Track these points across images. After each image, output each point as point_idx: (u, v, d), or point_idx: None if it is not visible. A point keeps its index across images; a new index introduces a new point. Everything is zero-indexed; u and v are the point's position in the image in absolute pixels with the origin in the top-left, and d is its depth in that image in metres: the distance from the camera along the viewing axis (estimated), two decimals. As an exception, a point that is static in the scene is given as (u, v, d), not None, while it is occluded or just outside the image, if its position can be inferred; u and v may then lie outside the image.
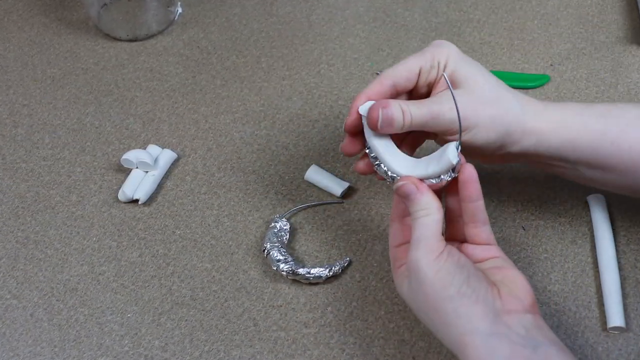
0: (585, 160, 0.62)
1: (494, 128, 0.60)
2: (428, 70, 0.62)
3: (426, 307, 0.56)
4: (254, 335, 0.67)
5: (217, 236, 0.74)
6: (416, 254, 0.56)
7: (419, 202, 0.58)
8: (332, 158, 0.79)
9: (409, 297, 0.58)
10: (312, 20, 0.93)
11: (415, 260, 0.56)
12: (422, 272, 0.56)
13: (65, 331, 0.68)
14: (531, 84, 0.83)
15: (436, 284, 0.55)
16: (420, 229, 0.57)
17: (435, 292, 0.55)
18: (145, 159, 0.76)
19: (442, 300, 0.55)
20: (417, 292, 0.56)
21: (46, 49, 0.93)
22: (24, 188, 0.79)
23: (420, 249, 0.56)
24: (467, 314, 0.54)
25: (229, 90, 0.86)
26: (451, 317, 0.54)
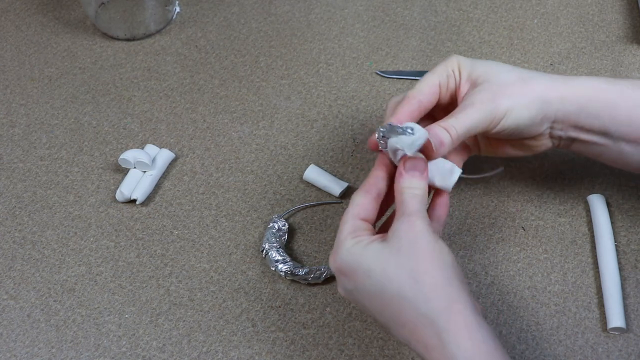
0: (625, 133, 0.62)
1: (529, 103, 0.61)
2: (446, 81, 0.63)
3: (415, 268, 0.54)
4: (252, 336, 0.67)
5: (215, 236, 0.73)
6: (417, 222, 0.56)
7: (421, 180, 0.59)
8: (330, 158, 0.79)
9: (381, 260, 0.55)
10: (311, 19, 0.93)
11: (417, 228, 0.56)
12: (423, 237, 0.55)
13: (63, 332, 0.68)
14: (531, 83, 0.82)
15: (436, 251, 0.55)
16: (415, 203, 0.57)
17: (434, 257, 0.55)
18: (143, 159, 0.76)
19: (440, 267, 0.54)
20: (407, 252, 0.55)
21: (43, 48, 0.93)
22: (21, 188, 0.79)
23: (421, 219, 0.56)
24: (459, 287, 0.54)
25: (227, 89, 0.86)
26: (445, 283, 0.54)
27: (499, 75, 0.62)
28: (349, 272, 0.57)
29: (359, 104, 0.83)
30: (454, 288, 0.54)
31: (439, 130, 0.60)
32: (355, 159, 0.78)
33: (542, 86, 0.62)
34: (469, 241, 0.71)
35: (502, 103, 0.61)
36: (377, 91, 0.84)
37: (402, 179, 0.59)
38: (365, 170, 0.77)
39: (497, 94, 0.61)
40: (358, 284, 0.56)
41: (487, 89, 0.61)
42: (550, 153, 0.76)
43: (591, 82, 0.63)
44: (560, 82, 0.63)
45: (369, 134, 0.80)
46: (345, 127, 0.81)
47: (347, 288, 0.58)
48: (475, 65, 0.63)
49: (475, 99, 0.61)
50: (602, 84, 0.63)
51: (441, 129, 0.60)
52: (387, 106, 0.65)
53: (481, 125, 0.61)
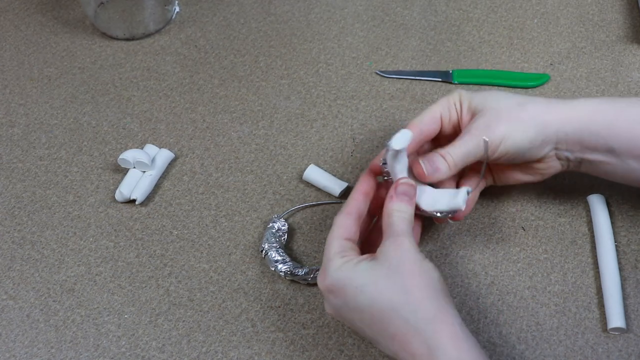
0: (628, 149, 0.63)
1: (526, 127, 0.63)
2: (448, 112, 0.66)
3: (404, 283, 0.56)
4: (252, 336, 0.66)
5: (214, 236, 0.73)
6: (405, 242, 0.58)
7: (409, 205, 0.62)
8: (330, 158, 0.78)
9: (370, 276, 0.57)
10: (311, 19, 0.93)
11: (404, 248, 0.58)
12: (411, 258, 0.57)
13: (62, 332, 0.68)
14: (531, 83, 0.82)
15: (422, 267, 0.57)
16: (403, 225, 0.60)
17: (421, 273, 0.57)
18: (143, 159, 0.76)
19: (428, 281, 0.57)
20: (396, 269, 0.57)
21: (43, 48, 0.92)
22: (21, 188, 0.79)
23: (408, 239, 0.59)
24: (446, 300, 0.57)
25: (227, 89, 0.86)
26: (433, 296, 0.56)
27: (497, 102, 0.64)
28: (338, 289, 0.59)
29: (359, 103, 0.83)
30: (440, 301, 0.56)
31: (435, 156, 0.63)
32: (355, 158, 0.78)
33: (540, 109, 0.64)
34: (469, 241, 0.71)
35: (498, 129, 0.63)
36: (377, 91, 0.84)
37: (392, 202, 0.61)
38: (364, 170, 0.77)
39: (492, 120, 0.63)
40: (348, 300, 0.58)
41: (483, 117, 0.64)
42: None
43: (590, 102, 0.64)
44: (558, 105, 0.64)
45: (368, 134, 0.80)
46: (345, 127, 0.81)
47: (336, 305, 0.59)
48: (475, 96, 0.66)
49: (472, 127, 0.64)
50: (602, 104, 0.64)
51: (437, 155, 0.63)
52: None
53: (478, 151, 0.63)
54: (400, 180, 0.63)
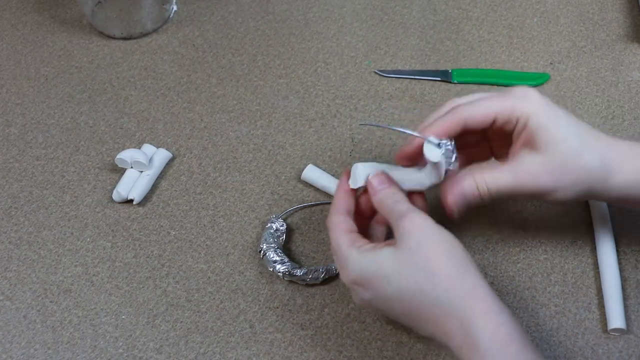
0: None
1: (574, 190, 0.60)
2: (505, 120, 0.60)
3: (428, 263, 0.55)
4: (250, 337, 0.66)
5: (212, 237, 0.73)
6: (415, 218, 0.57)
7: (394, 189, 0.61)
8: (329, 158, 0.78)
9: (394, 262, 0.56)
10: (309, 18, 0.93)
11: (419, 223, 0.56)
12: (431, 230, 0.56)
13: (59, 333, 0.68)
14: (531, 82, 0.82)
15: (446, 241, 0.56)
16: (401, 205, 0.59)
17: (446, 247, 0.56)
18: (140, 159, 0.76)
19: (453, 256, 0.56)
20: (417, 250, 0.55)
21: (39, 47, 0.92)
22: (17, 188, 0.78)
23: (417, 214, 0.57)
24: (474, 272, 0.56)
25: (225, 89, 0.86)
26: (462, 271, 0.55)
27: (560, 150, 0.59)
28: (365, 282, 0.57)
29: (358, 103, 0.83)
30: (469, 275, 0.55)
31: (468, 184, 0.60)
32: (354, 158, 0.78)
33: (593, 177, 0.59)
34: (468, 241, 0.70)
35: (546, 184, 0.59)
36: (376, 90, 0.84)
37: (377, 195, 0.61)
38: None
39: (544, 174, 0.59)
40: (377, 291, 0.57)
41: (539, 156, 0.59)
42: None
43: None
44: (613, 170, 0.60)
45: (367, 134, 0.80)
46: (344, 127, 0.81)
47: (365, 298, 0.58)
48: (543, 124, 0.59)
49: (522, 165, 0.59)
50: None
51: (472, 182, 0.60)
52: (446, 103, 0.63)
53: (517, 193, 0.60)
54: (370, 180, 0.62)
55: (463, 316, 0.53)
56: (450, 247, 0.56)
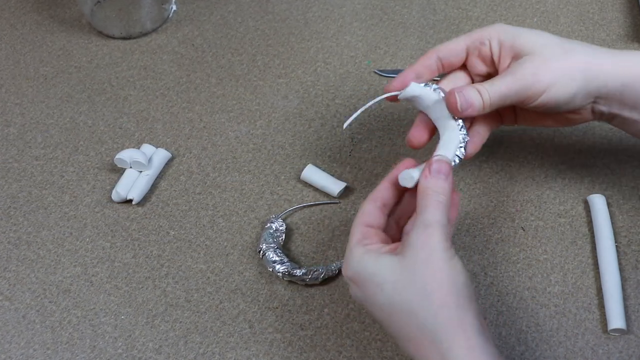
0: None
1: (571, 80, 0.61)
2: (477, 46, 0.64)
3: (426, 283, 0.54)
4: (249, 337, 0.66)
5: (211, 237, 0.73)
6: (434, 235, 0.55)
7: (445, 184, 0.58)
8: (328, 158, 0.78)
9: (395, 272, 0.55)
10: (309, 17, 0.92)
11: (434, 243, 0.55)
12: (438, 251, 0.54)
13: (58, 333, 0.68)
14: (530, 82, 0.82)
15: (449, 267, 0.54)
16: (437, 212, 0.56)
17: (446, 274, 0.54)
18: (139, 159, 0.76)
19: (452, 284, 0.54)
20: (421, 267, 0.54)
21: (38, 47, 0.92)
22: (16, 188, 0.78)
23: (439, 232, 0.55)
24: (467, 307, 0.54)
25: (224, 88, 0.86)
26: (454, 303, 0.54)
27: (544, 48, 0.62)
28: (360, 282, 0.56)
29: (357, 103, 0.83)
30: (462, 309, 0.53)
31: (471, 91, 0.61)
32: (354, 158, 0.78)
33: (587, 60, 0.62)
34: (468, 241, 0.70)
35: (544, 78, 0.60)
36: (376, 90, 0.84)
37: (427, 180, 0.58)
38: (363, 170, 0.76)
39: (539, 67, 0.61)
40: (368, 295, 0.56)
41: (531, 62, 0.61)
42: (551, 152, 0.75)
43: (636, 58, 0.62)
44: (604, 56, 0.62)
45: (367, 134, 0.79)
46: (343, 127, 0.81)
47: (357, 296, 0.58)
48: (520, 35, 0.63)
49: (517, 70, 0.61)
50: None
51: (473, 89, 0.61)
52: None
53: (518, 96, 0.61)
54: (435, 157, 0.60)
55: (445, 350, 0.52)
56: (454, 276, 0.54)
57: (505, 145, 0.77)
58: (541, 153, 0.76)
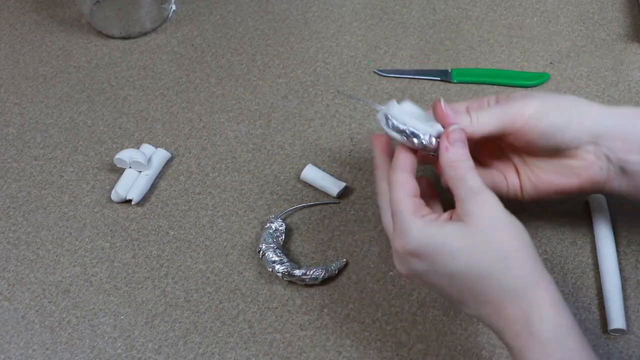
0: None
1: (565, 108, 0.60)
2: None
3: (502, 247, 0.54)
4: (249, 337, 0.66)
5: (211, 237, 0.73)
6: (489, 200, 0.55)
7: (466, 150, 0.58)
8: (328, 158, 0.78)
9: (462, 244, 0.54)
10: (308, 17, 0.92)
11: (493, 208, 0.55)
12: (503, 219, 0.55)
13: (57, 333, 0.67)
14: (531, 82, 0.82)
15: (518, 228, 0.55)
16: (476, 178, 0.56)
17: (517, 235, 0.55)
18: (139, 159, 0.76)
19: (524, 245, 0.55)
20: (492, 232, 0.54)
21: (38, 47, 0.92)
22: (16, 188, 0.78)
23: (491, 196, 0.55)
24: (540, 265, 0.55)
25: (224, 88, 0.86)
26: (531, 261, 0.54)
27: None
28: (427, 254, 0.55)
29: (357, 102, 0.82)
30: (538, 266, 0.55)
31: (459, 106, 0.62)
32: (353, 158, 0.78)
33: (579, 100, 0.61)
34: (468, 242, 0.70)
35: (532, 102, 0.60)
36: (375, 90, 0.83)
37: (449, 152, 0.58)
38: (363, 170, 0.76)
39: (528, 96, 0.61)
40: (437, 266, 0.55)
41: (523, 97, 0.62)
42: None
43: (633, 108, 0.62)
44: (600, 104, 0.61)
45: (367, 134, 0.79)
46: (343, 127, 0.80)
47: (417, 269, 0.56)
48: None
49: (506, 101, 0.62)
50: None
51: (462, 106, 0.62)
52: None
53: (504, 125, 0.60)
54: (450, 128, 0.59)
55: (529, 305, 0.53)
56: (521, 234, 0.55)
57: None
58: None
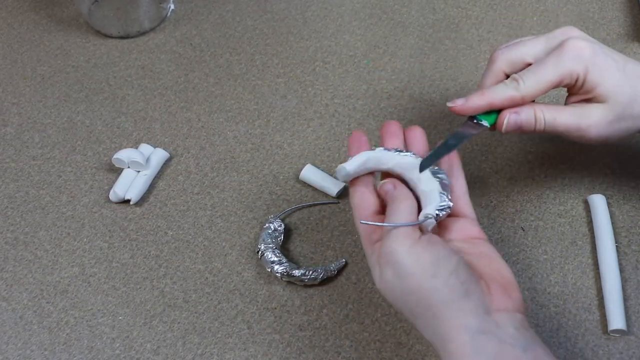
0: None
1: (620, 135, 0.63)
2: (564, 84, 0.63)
3: (408, 299, 0.53)
4: (247, 338, 0.66)
5: (210, 237, 0.73)
6: (390, 243, 0.54)
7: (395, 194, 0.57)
8: (327, 157, 0.78)
9: (383, 287, 0.55)
10: (307, 17, 0.92)
11: (390, 251, 0.53)
12: (400, 262, 0.53)
13: (56, 334, 0.67)
14: (530, 81, 0.82)
15: (417, 274, 0.52)
16: (395, 213, 0.55)
17: (419, 282, 0.52)
18: (137, 159, 0.75)
19: (426, 292, 0.52)
20: (395, 283, 0.53)
21: (36, 46, 0.92)
22: (13, 188, 0.78)
23: (393, 236, 0.54)
24: (456, 308, 0.52)
25: (223, 88, 0.85)
26: (438, 310, 0.52)
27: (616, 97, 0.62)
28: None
29: (356, 102, 0.82)
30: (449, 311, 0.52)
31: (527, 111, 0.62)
32: (352, 158, 0.77)
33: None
34: (467, 242, 0.70)
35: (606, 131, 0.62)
36: (375, 90, 0.83)
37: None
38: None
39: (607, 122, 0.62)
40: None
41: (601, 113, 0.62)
42: (551, 152, 0.75)
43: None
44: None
45: (366, 133, 0.79)
46: (342, 126, 0.80)
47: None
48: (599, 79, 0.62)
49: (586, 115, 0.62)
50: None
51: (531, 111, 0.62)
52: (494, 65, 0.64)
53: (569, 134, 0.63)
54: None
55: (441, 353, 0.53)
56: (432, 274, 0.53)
57: (505, 145, 0.77)
58: (541, 153, 0.76)
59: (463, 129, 0.62)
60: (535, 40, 0.64)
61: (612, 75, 0.61)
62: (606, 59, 0.62)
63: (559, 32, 0.63)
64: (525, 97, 0.62)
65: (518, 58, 0.63)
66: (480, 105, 0.62)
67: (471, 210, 0.60)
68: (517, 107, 0.62)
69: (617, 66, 0.62)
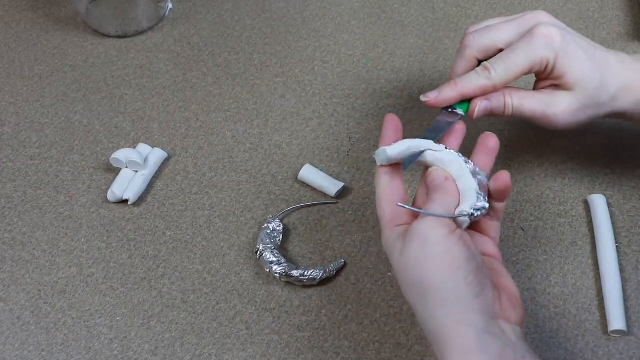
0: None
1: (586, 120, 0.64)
2: (535, 71, 0.63)
3: (423, 280, 0.53)
4: (246, 339, 0.66)
5: (208, 237, 0.72)
6: (425, 225, 0.54)
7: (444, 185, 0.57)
8: (326, 157, 0.78)
9: (399, 262, 0.55)
10: (306, 16, 0.92)
11: (424, 231, 0.54)
12: (431, 245, 0.53)
13: (53, 335, 0.67)
14: (529, 81, 0.82)
15: (443, 260, 0.53)
16: (436, 203, 0.56)
17: (441, 269, 0.53)
18: (135, 158, 0.75)
19: (444, 280, 0.52)
20: (416, 260, 0.53)
21: (33, 46, 0.91)
22: (11, 188, 0.78)
23: (430, 220, 0.54)
24: (466, 305, 0.52)
25: (221, 87, 0.85)
26: (448, 301, 0.52)
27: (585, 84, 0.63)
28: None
29: (355, 102, 0.82)
30: (460, 305, 0.52)
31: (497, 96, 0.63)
32: (352, 158, 0.77)
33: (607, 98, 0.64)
34: (467, 242, 0.70)
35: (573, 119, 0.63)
36: (374, 89, 0.83)
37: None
38: (361, 169, 0.76)
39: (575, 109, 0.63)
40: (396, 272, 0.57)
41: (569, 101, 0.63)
42: (551, 152, 0.75)
43: None
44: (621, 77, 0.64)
45: (365, 133, 0.79)
46: (341, 126, 0.80)
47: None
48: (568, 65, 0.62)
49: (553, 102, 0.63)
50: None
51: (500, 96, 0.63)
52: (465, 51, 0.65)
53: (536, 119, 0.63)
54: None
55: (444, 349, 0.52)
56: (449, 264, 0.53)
57: (505, 145, 0.76)
58: (541, 153, 0.75)
59: (439, 119, 0.63)
60: (507, 25, 0.64)
61: (581, 63, 0.62)
62: (576, 47, 0.63)
63: (530, 17, 0.64)
64: (497, 85, 0.63)
65: (490, 45, 0.64)
66: (453, 96, 0.63)
67: (497, 236, 0.60)
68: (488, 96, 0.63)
69: (587, 55, 0.63)
